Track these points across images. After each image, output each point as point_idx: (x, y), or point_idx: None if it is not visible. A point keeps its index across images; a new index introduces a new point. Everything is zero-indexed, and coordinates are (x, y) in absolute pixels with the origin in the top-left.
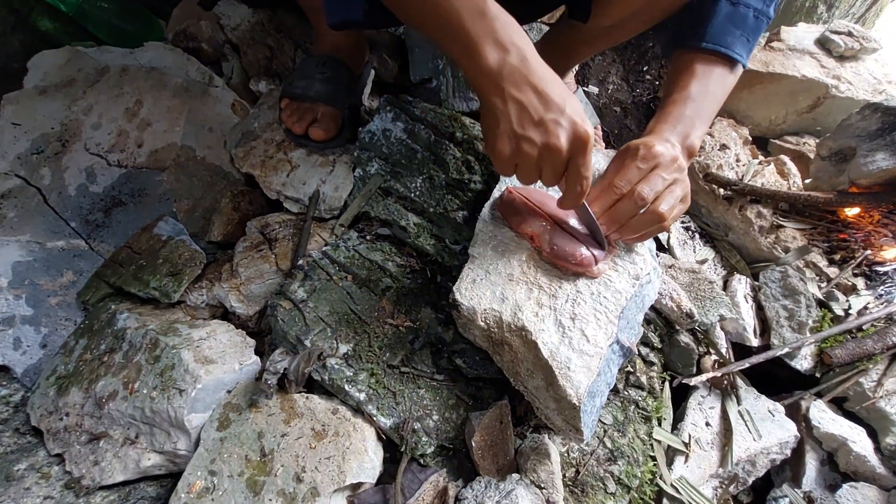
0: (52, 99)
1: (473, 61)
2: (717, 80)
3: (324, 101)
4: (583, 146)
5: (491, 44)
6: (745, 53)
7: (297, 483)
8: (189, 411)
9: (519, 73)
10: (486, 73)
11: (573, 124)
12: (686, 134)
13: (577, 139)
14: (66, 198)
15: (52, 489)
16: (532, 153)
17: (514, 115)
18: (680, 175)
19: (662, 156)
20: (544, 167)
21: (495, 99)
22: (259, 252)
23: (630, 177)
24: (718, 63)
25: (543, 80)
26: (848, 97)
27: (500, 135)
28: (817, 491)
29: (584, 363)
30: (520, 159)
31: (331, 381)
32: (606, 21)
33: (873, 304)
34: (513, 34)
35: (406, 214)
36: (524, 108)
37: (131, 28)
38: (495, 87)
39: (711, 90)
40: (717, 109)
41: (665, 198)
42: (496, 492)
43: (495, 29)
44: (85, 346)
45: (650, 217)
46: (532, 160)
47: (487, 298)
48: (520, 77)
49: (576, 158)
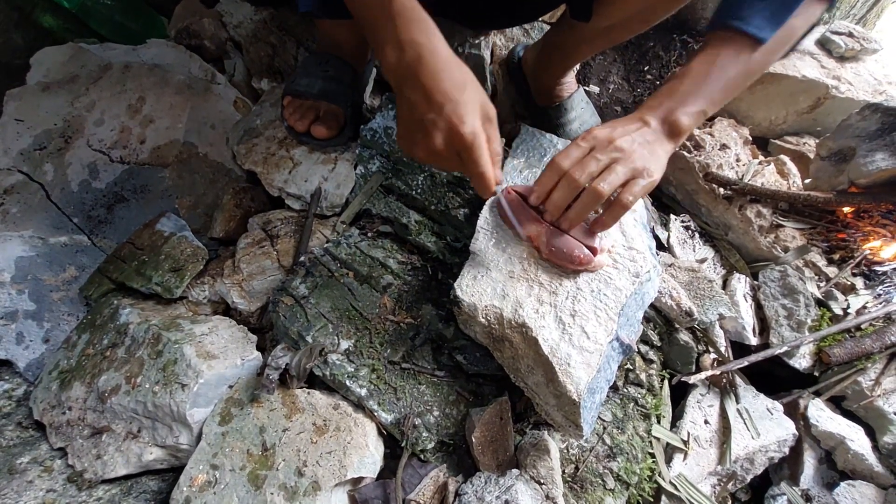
0: (55, 95)
1: (382, 61)
2: (728, 57)
3: (326, 98)
4: (461, 145)
5: (392, 43)
6: (767, 27)
7: (299, 477)
8: (191, 406)
9: (411, 72)
10: (388, 71)
11: (450, 124)
12: (671, 109)
13: (452, 138)
14: (69, 194)
15: (55, 483)
16: (419, 151)
17: (405, 115)
18: (621, 154)
19: (596, 138)
20: (440, 163)
21: (396, 96)
22: (261, 248)
23: (562, 163)
24: (732, 41)
25: (432, 78)
26: (848, 98)
27: (400, 133)
28: (815, 489)
29: (584, 360)
30: (415, 154)
31: (332, 376)
32: (607, 21)
33: (872, 303)
34: (413, 31)
35: (407, 212)
36: (413, 107)
37: (134, 25)
38: (396, 86)
39: (718, 67)
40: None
41: (604, 177)
42: (496, 487)
43: (396, 27)
44: (87, 340)
45: (588, 198)
46: (422, 157)
47: (488, 295)
48: (412, 76)
49: (461, 157)
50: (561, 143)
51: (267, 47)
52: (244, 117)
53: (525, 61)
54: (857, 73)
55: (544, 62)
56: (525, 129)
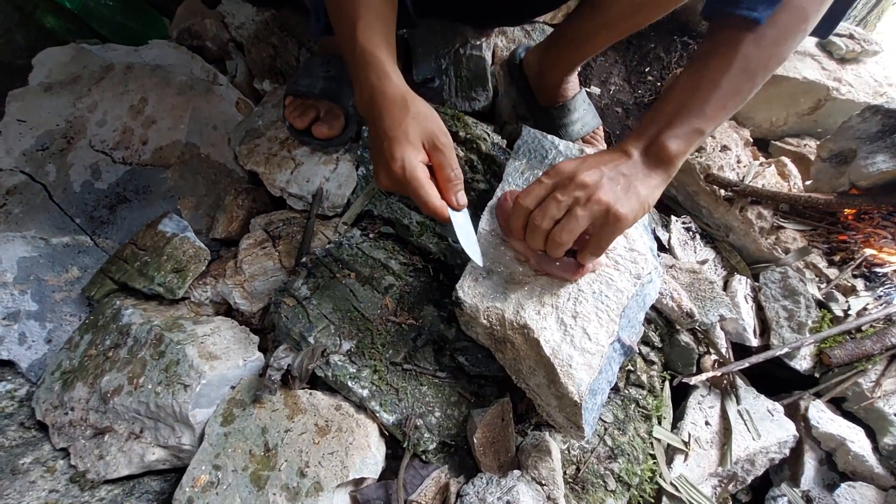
0: (57, 96)
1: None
2: (721, 57)
3: (328, 98)
4: (396, 178)
5: (356, 82)
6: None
7: (301, 478)
8: (193, 406)
9: (367, 111)
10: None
11: (386, 160)
12: (655, 135)
13: (390, 173)
14: (71, 194)
15: (58, 483)
16: (382, 184)
17: (370, 150)
18: (583, 193)
19: (560, 173)
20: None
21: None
22: (263, 249)
23: (524, 202)
24: (725, 34)
25: (378, 116)
26: (849, 99)
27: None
28: (816, 490)
29: (585, 361)
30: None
31: (334, 377)
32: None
33: (872, 305)
34: (370, 75)
35: (409, 213)
36: (372, 142)
37: (136, 26)
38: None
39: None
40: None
41: (564, 225)
42: (497, 488)
43: (359, 71)
44: (90, 341)
45: (552, 247)
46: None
47: (490, 296)
48: (368, 114)
49: (406, 189)
50: (563, 145)
51: (269, 48)
52: (246, 118)
53: (527, 62)
54: (858, 74)
55: (552, 58)
56: (527, 131)
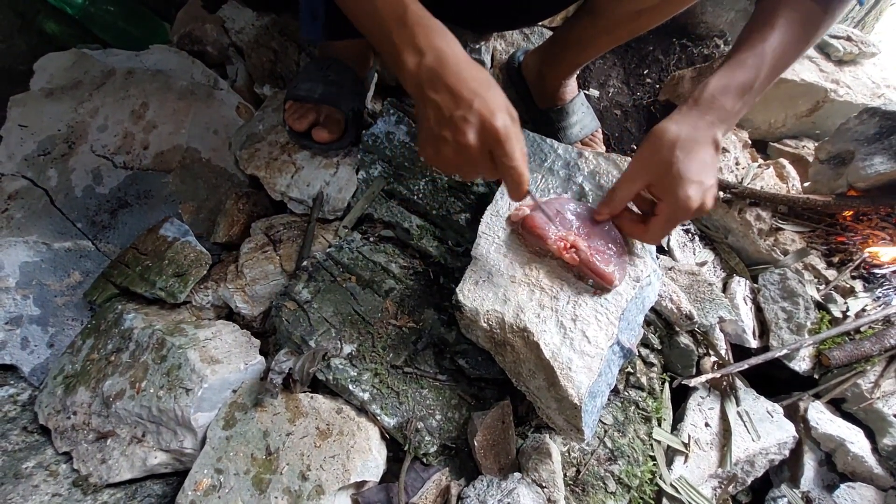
0: (58, 101)
1: (399, 68)
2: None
3: (328, 103)
4: (494, 138)
5: (409, 49)
6: None
7: (303, 481)
8: (195, 410)
9: (434, 74)
10: (409, 78)
11: (480, 118)
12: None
13: (485, 132)
14: (73, 199)
15: (60, 487)
16: (448, 153)
17: (431, 117)
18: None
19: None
20: (463, 165)
21: (418, 101)
22: (264, 253)
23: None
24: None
25: (457, 77)
26: (846, 101)
27: (423, 137)
28: (815, 491)
29: (585, 364)
30: (442, 159)
31: (335, 380)
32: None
33: (871, 306)
34: (432, 37)
35: (409, 216)
36: (438, 108)
37: (136, 31)
38: (417, 89)
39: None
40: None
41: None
42: (498, 490)
43: (414, 34)
44: (92, 345)
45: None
46: (450, 159)
47: (490, 300)
48: (435, 77)
49: (494, 151)
50: (561, 148)
51: (269, 53)
52: (246, 122)
53: (526, 66)
54: (856, 76)
55: (551, 62)
56: (525, 134)
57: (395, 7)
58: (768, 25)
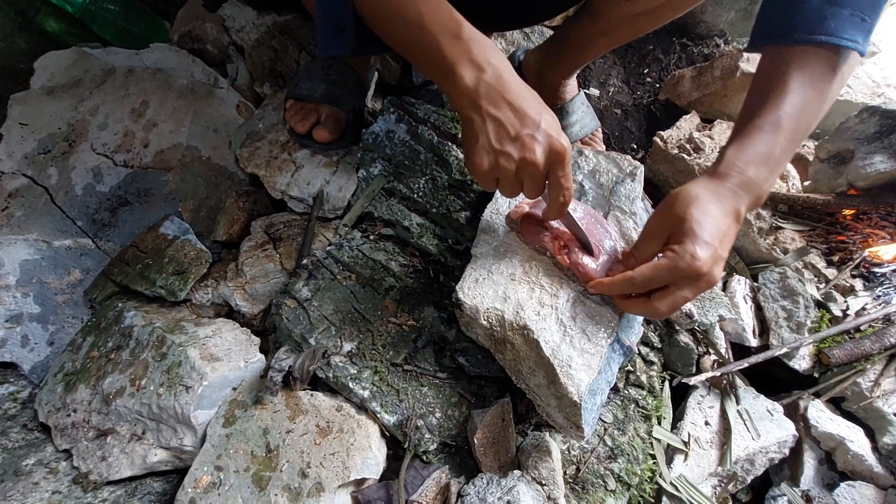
0: (58, 99)
1: (452, 82)
2: (821, 84)
3: (328, 102)
4: (560, 159)
5: (467, 64)
6: (860, 37)
7: (303, 478)
8: (195, 408)
9: (495, 91)
10: (464, 92)
11: (549, 138)
12: (766, 185)
13: (553, 153)
14: (73, 197)
15: (60, 484)
16: (510, 167)
17: (491, 132)
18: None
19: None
20: (524, 180)
21: (474, 116)
22: (264, 251)
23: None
24: (822, 59)
25: (519, 97)
26: (846, 100)
27: (478, 150)
28: (815, 490)
29: (585, 361)
30: (499, 174)
31: (335, 378)
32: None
33: (871, 305)
34: (488, 54)
35: (409, 215)
36: (501, 124)
37: (137, 29)
38: (473, 104)
39: (811, 103)
40: (817, 121)
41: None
42: (498, 488)
43: (470, 49)
44: (92, 343)
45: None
46: (510, 174)
47: (490, 298)
48: (496, 94)
49: (554, 171)
50: None
51: (269, 51)
52: (247, 121)
53: (526, 65)
54: (856, 75)
55: (552, 61)
56: None
57: (448, 22)
58: (780, 86)
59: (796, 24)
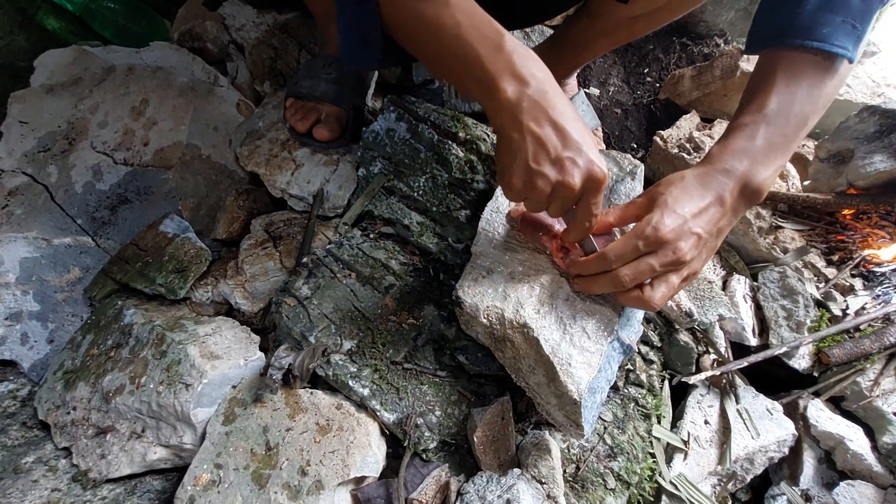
0: (58, 97)
1: (492, 95)
2: (810, 87)
3: (329, 101)
4: (597, 187)
5: (509, 77)
6: (850, 45)
7: (302, 476)
8: (195, 406)
9: (539, 108)
10: (506, 107)
11: (589, 164)
12: (749, 174)
13: (591, 180)
14: (73, 195)
15: (60, 482)
16: (545, 189)
17: (530, 150)
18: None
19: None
20: (553, 202)
21: (513, 132)
22: (264, 250)
23: (622, 252)
24: (812, 64)
25: (563, 117)
26: (846, 100)
27: (515, 168)
28: (815, 489)
29: (584, 359)
30: (532, 193)
31: (335, 376)
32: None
33: (871, 304)
34: (532, 67)
35: (409, 213)
36: (542, 143)
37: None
38: (514, 120)
39: (798, 104)
40: (809, 125)
41: (657, 286)
42: (498, 486)
43: (513, 62)
44: (92, 341)
45: (635, 301)
46: (544, 195)
47: (490, 296)
48: (539, 111)
49: (587, 197)
50: None
51: (269, 50)
52: (247, 119)
53: None
54: (856, 75)
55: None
56: None
57: (489, 32)
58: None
59: (789, 28)
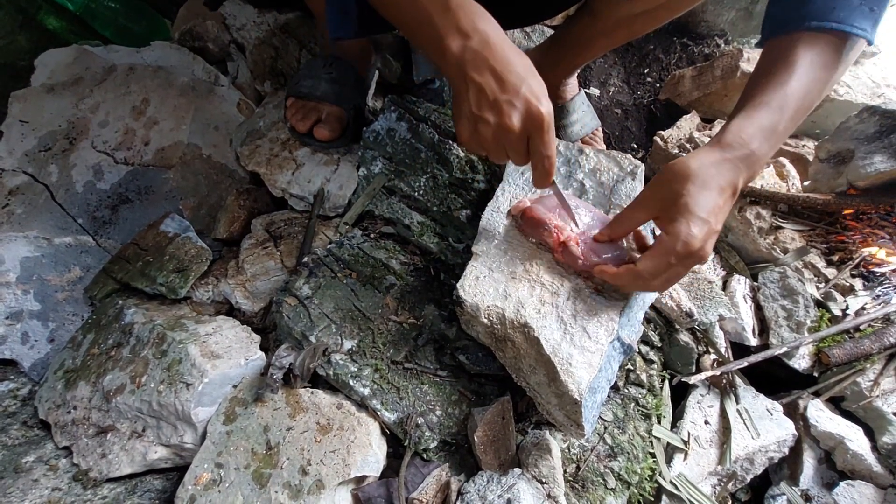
0: (59, 97)
1: (441, 52)
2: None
3: (329, 100)
4: (537, 125)
5: (454, 32)
6: (868, 26)
7: (303, 476)
8: (196, 405)
9: (480, 57)
10: (451, 61)
11: (527, 104)
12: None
13: (529, 118)
14: (74, 195)
15: (60, 481)
16: (487, 134)
17: (472, 98)
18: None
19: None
20: (499, 146)
21: (459, 83)
22: (264, 249)
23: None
24: (832, 45)
25: (503, 62)
26: (846, 100)
27: (460, 117)
28: (815, 489)
29: (585, 359)
30: (479, 140)
31: (335, 376)
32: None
33: (870, 304)
34: (476, 20)
35: (410, 213)
36: (482, 90)
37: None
38: (459, 71)
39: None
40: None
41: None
42: (498, 486)
43: (458, 17)
44: (92, 340)
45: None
46: (489, 141)
47: (490, 295)
48: (480, 60)
49: (533, 138)
50: (562, 146)
51: (270, 49)
52: (247, 119)
53: None
54: (856, 76)
55: (552, 61)
56: None
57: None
58: (787, 66)
59: (806, 13)
